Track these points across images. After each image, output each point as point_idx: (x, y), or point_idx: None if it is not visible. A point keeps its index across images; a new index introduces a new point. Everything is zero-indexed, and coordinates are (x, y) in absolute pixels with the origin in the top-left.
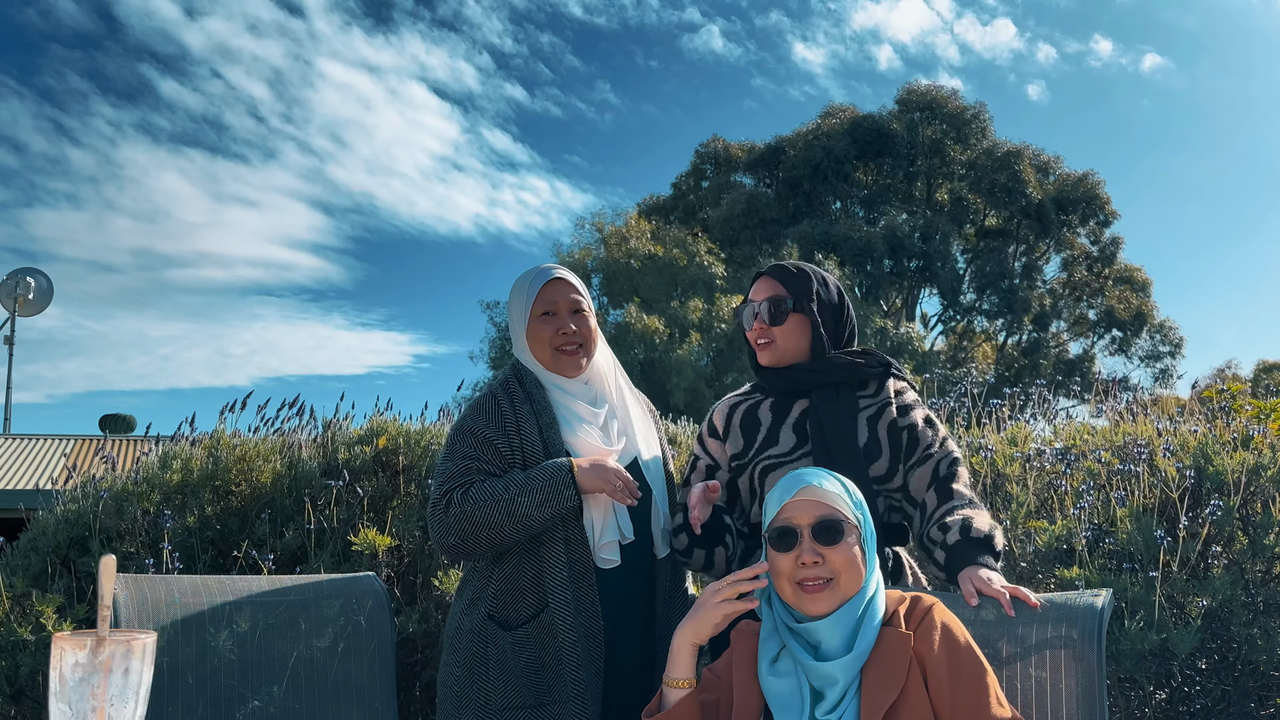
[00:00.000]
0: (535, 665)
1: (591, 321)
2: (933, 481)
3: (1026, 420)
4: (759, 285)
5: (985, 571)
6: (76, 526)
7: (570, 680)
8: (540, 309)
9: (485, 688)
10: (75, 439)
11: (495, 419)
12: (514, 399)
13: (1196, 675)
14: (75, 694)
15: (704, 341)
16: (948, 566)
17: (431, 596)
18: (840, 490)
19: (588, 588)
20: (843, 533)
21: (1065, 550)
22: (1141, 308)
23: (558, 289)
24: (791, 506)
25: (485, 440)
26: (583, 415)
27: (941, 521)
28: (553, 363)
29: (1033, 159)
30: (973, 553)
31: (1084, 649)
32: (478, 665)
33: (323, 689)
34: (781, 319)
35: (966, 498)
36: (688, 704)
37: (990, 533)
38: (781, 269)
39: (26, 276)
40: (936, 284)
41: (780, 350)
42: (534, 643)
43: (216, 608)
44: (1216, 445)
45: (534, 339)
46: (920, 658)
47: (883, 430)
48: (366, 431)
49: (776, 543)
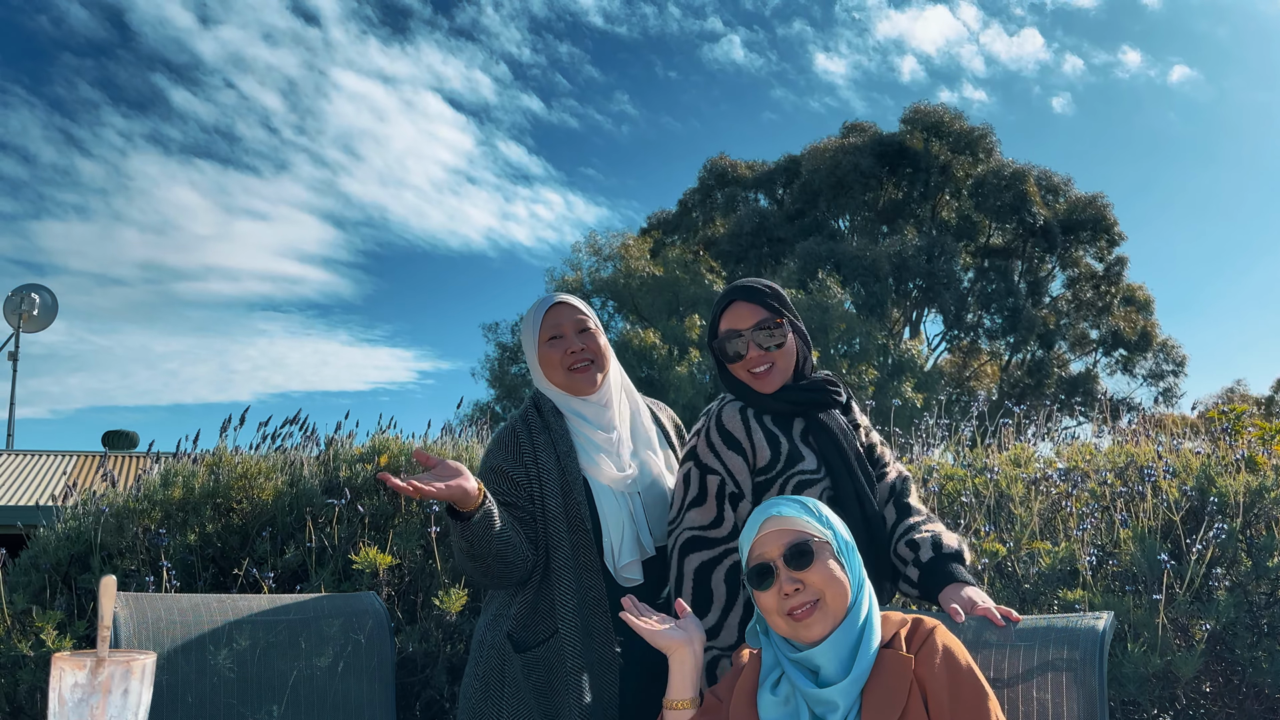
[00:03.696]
0: (544, 689)
1: (601, 339)
2: (890, 497)
3: (1029, 441)
4: (737, 312)
5: (967, 590)
6: (77, 544)
7: (573, 707)
8: (548, 334)
9: (499, 704)
10: (77, 455)
11: (513, 451)
12: (532, 429)
13: (1200, 698)
14: (74, 714)
15: (703, 358)
16: (922, 584)
17: (432, 616)
18: (800, 512)
19: (600, 614)
20: (813, 552)
21: (1069, 572)
22: (1145, 326)
23: (561, 313)
24: (760, 543)
25: (502, 473)
26: (599, 443)
27: (909, 538)
28: (567, 383)
29: (1042, 180)
30: (948, 570)
31: (1085, 672)
32: (494, 681)
33: (323, 708)
34: (780, 341)
35: (924, 513)
36: None
37: (960, 548)
38: (752, 290)
39: (31, 293)
40: (939, 302)
41: (781, 372)
42: (544, 666)
43: (216, 626)
44: (1219, 467)
45: (546, 364)
46: (921, 680)
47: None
48: (368, 449)
49: (756, 582)
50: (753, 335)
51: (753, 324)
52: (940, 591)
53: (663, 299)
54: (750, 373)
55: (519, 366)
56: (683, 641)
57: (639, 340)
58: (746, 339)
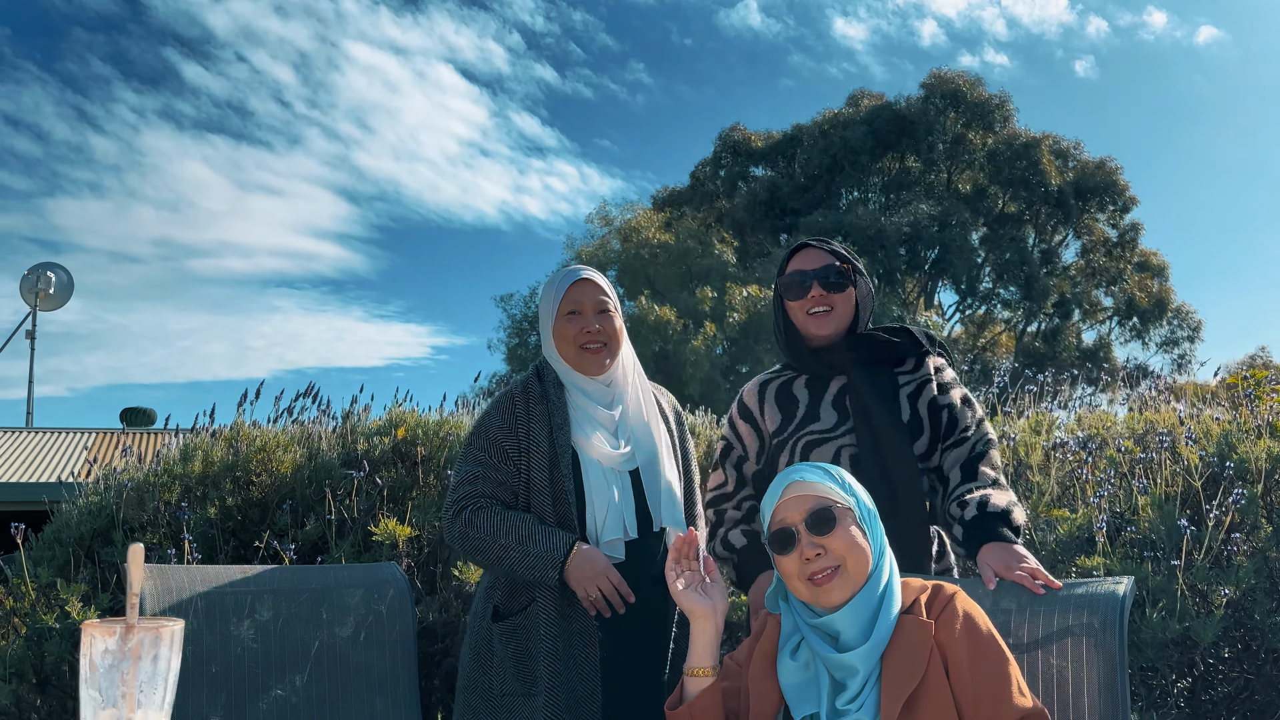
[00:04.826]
0: (521, 655)
1: (617, 322)
2: (960, 461)
3: (1049, 408)
4: (806, 255)
5: (1007, 551)
6: (99, 518)
7: (549, 671)
8: (567, 308)
9: (490, 674)
10: (96, 432)
11: (508, 419)
12: (530, 399)
13: (1219, 664)
14: (105, 680)
15: (718, 331)
16: (966, 543)
17: (451, 586)
18: (822, 478)
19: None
20: (836, 518)
21: (1086, 539)
22: (1160, 293)
23: (584, 289)
24: (782, 507)
25: (495, 443)
26: (596, 418)
27: (961, 499)
28: (577, 360)
29: (1051, 145)
30: (990, 528)
31: (1105, 637)
32: (483, 652)
33: (345, 678)
34: (842, 287)
35: (991, 478)
36: (710, 694)
37: (1008, 508)
38: (825, 241)
39: (47, 271)
40: (954, 272)
41: (838, 319)
42: (521, 634)
43: (239, 597)
44: (1240, 433)
45: (560, 337)
46: (941, 646)
47: (923, 407)
48: (385, 423)
49: (777, 547)
50: (817, 276)
51: (819, 266)
52: (979, 551)
53: (675, 272)
54: (808, 314)
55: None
56: (706, 610)
57: (654, 315)
58: (811, 279)
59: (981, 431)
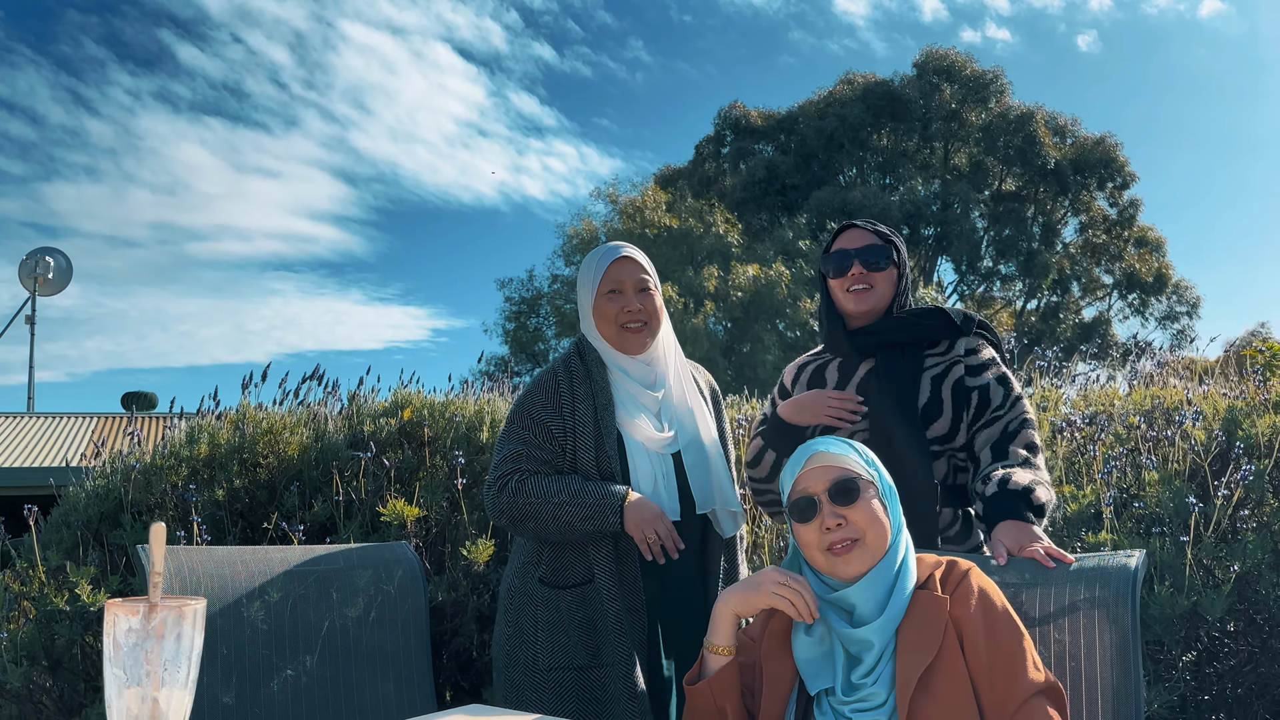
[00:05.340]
0: (588, 626)
1: (658, 300)
2: (994, 441)
3: (1057, 384)
4: (850, 235)
5: (1020, 529)
6: (107, 501)
7: (616, 646)
8: (607, 287)
9: (534, 648)
10: (99, 417)
11: (552, 399)
12: (573, 378)
13: (1225, 638)
14: (129, 659)
15: (720, 310)
16: (986, 519)
17: (459, 566)
18: (846, 450)
19: (629, 564)
20: (859, 490)
21: (1093, 515)
22: (1160, 269)
23: (625, 268)
24: (805, 476)
25: (539, 422)
26: (639, 400)
27: (986, 474)
28: (618, 339)
29: (1049, 121)
30: (1008, 505)
31: (1117, 609)
32: (526, 626)
33: (356, 658)
34: (882, 266)
35: (1021, 456)
36: (729, 670)
37: (1030, 486)
38: (870, 223)
39: (46, 256)
40: (954, 250)
41: (878, 297)
42: (587, 604)
43: (249, 578)
44: (1246, 408)
45: (600, 316)
46: (956, 621)
47: (946, 389)
48: (391, 404)
49: (798, 515)
50: (859, 254)
51: (862, 245)
52: (994, 528)
53: (677, 251)
54: (847, 291)
55: (534, 320)
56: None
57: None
58: (853, 257)
59: (1017, 411)
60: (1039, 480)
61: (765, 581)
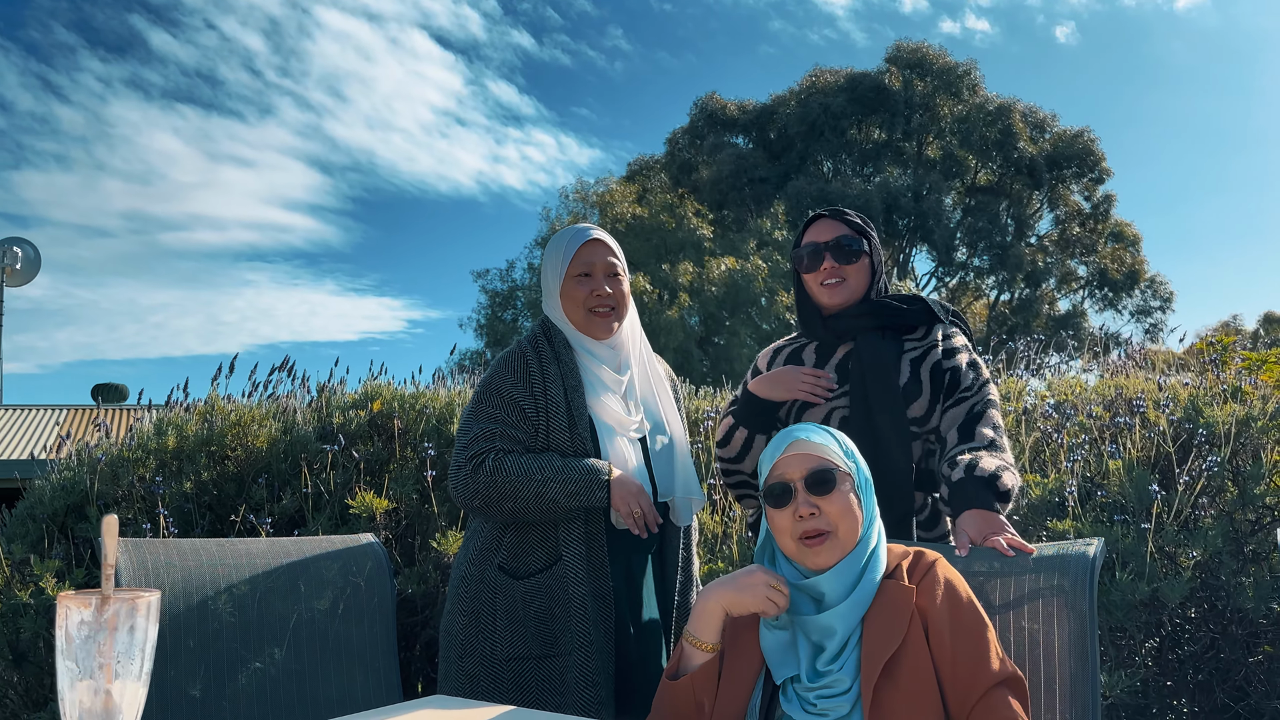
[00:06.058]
0: (545, 616)
1: (625, 286)
2: (960, 422)
3: (1020, 375)
4: (820, 227)
5: (984, 517)
6: (73, 494)
7: (578, 632)
8: (577, 269)
9: (491, 638)
10: (68, 409)
11: (522, 378)
12: (542, 358)
13: (1186, 624)
14: (82, 651)
15: (693, 303)
16: (950, 504)
17: (430, 558)
18: (829, 440)
19: (598, 548)
20: (835, 481)
21: (1057, 503)
22: (1133, 264)
23: (595, 250)
24: (783, 462)
25: (511, 401)
26: (607, 382)
27: (952, 459)
28: (584, 323)
29: (1027, 115)
30: (973, 492)
31: (1076, 598)
32: (484, 615)
33: (324, 650)
34: (854, 258)
35: (988, 439)
36: (711, 666)
37: (996, 472)
38: (841, 212)
39: (14, 246)
40: (930, 241)
41: (851, 290)
42: (545, 593)
43: (216, 571)
44: (1207, 398)
45: (568, 298)
46: (922, 611)
47: (925, 371)
48: (361, 396)
49: (773, 500)
50: (830, 248)
51: (833, 238)
52: (959, 517)
53: (649, 244)
54: (821, 284)
55: (510, 313)
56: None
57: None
58: (824, 250)
59: (984, 394)
60: (1004, 465)
61: (758, 584)
